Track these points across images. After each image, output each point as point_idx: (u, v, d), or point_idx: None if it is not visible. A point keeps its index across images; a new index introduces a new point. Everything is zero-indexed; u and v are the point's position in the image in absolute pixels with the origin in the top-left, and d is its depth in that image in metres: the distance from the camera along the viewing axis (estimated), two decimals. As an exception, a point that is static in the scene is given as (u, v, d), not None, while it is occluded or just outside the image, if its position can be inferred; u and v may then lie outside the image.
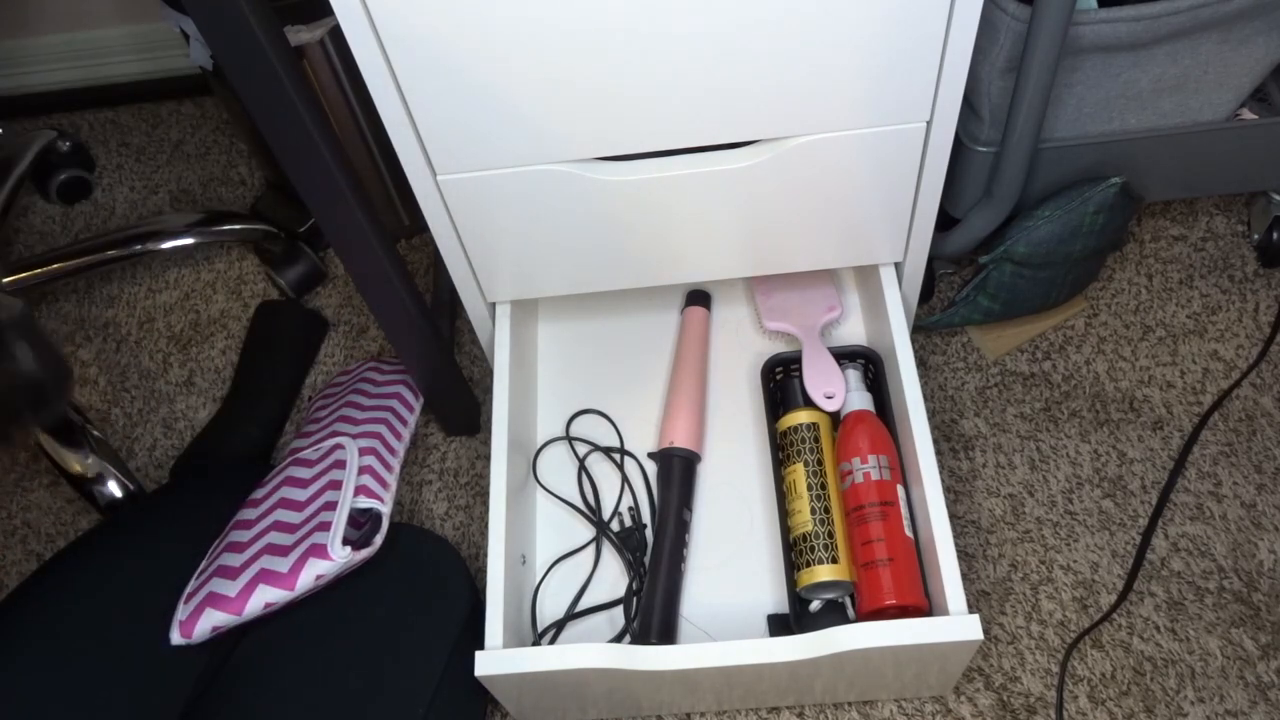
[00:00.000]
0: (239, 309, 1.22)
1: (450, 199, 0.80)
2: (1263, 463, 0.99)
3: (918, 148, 0.79)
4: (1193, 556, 0.95)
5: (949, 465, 1.02)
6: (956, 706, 0.89)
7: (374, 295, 0.86)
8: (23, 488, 1.12)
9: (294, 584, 0.80)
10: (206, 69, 1.09)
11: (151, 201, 1.34)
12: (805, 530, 0.87)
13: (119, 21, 1.39)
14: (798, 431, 0.92)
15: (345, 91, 1.06)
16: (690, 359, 1.01)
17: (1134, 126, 0.94)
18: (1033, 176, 0.94)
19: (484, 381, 1.12)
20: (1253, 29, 0.86)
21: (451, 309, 1.13)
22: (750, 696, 0.88)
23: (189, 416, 1.14)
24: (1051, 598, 0.94)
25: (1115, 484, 0.99)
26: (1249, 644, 0.90)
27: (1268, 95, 1.01)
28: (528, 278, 0.91)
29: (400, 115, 0.72)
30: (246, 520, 0.87)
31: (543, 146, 0.76)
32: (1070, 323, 1.10)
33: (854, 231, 0.87)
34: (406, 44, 0.67)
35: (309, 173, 0.73)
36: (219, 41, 0.64)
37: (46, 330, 1.19)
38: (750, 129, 0.76)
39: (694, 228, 0.85)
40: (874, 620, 0.76)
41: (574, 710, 0.88)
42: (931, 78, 0.73)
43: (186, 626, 0.80)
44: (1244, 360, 1.06)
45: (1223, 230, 1.14)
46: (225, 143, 1.38)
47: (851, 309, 1.05)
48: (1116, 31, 0.82)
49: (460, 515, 1.04)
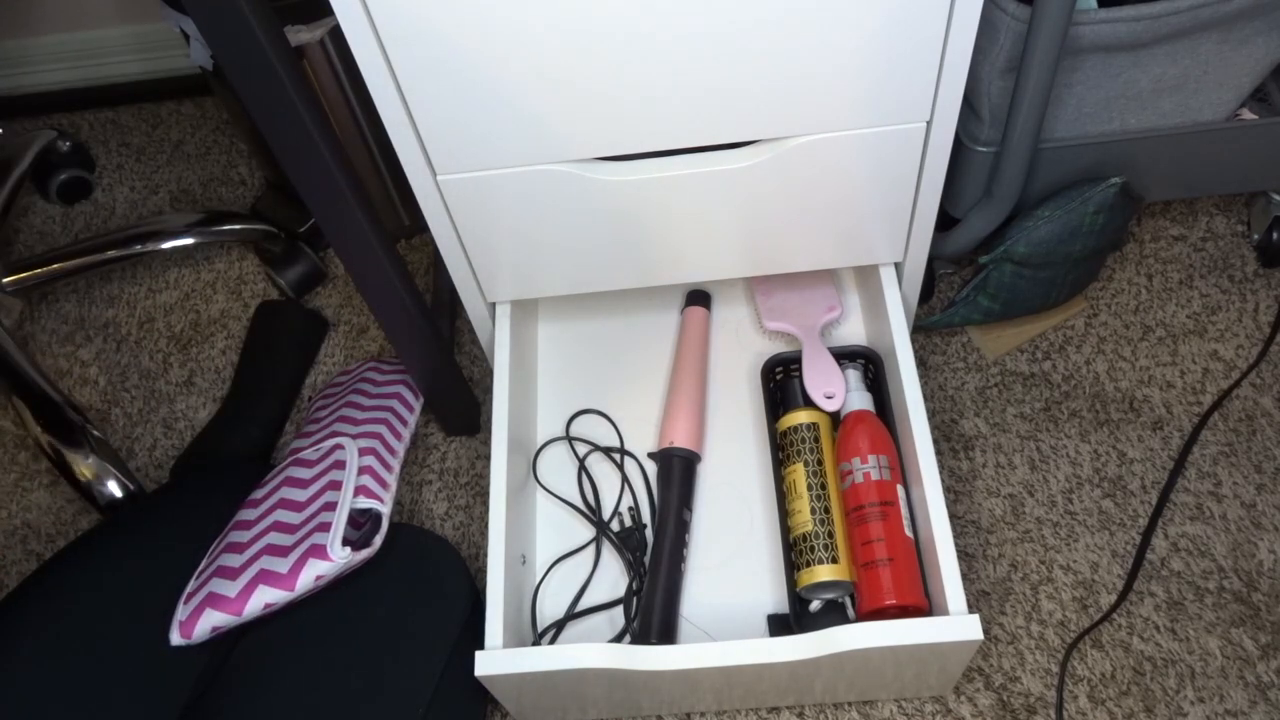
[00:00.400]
0: (239, 309, 1.22)
1: (450, 199, 0.80)
2: (1263, 463, 0.99)
3: (918, 148, 0.79)
4: (1193, 556, 0.95)
5: (949, 465, 1.02)
6: (956, 706, 0.89)
7: (374, 295, 0.86)
8: (23, 488, 1.12)
9: (294, 584, 0.80)
10: (206, 69, 1.09)
11: (151, 201, 1.34)
12: (805, 530, 0.87)
13: (119, 21, 1.39)
14: (798, 431, 0.92)
15: (345, 91, 1.06)
16: (690, 359, 1.01)
17: (1134, 126, 0.94)
18: (1033, 176, 0.94)
19: (484, 381, 1.12)
20: (1253, 29, 0.86)
21: (451, 309, 1.13)
22: (750, 696, 0.88)
23: (189, 416, 1.14)
24: (1051, 598, 0.94)
25: (1115, 484, 0.99)
26: (1249, 644, 0.90)
27: (1268, 95, 1.01)
28: (528, 278, 0.91)
29: (400, 115, 0.72)
30: (246, 521, 0.87)
31: (543, 146, 0.76)
32: (1070, 323, 1.10)
33: (854, 231, 0.87)
34: (406, 44, 0.67)
35: (309, 173, 0.73)
36: (219, 41, 0.64)
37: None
38: (750, 129, 0.76)
39: (694, 228, 0.85)
40: (874, 620, 0.76)
41: (574, 710, 0.88)
42: (931, 78, 0.73)
43: (186, 627, 0.80)
44: (1244, 360, 1.06)
45: (1223, 230, 1.14)
46: (225, 143, 1.38)
47: (851, 309, 1.05)
48: (1116, 31, 0.82)
49: (460, 515, 1.04)
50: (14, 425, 1.16)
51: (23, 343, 1.19)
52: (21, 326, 1.23)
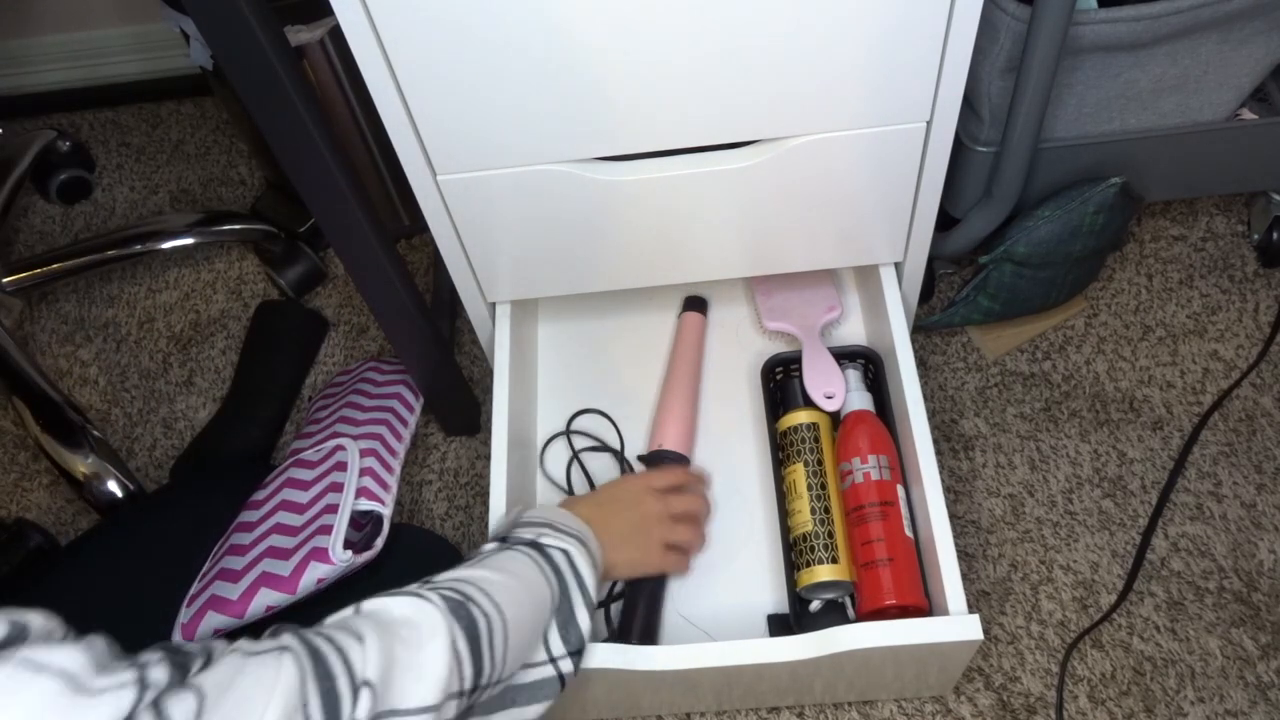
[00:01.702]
0: (239, 309, 1.22)
1: (450, 199, 0.80)
2: (1263, 463, 0.99)
3: (918, 148, 0.79)
4: (1193, 556, 0.95)
5: (949, 465, 1.02)
6: (956, 706, 0.89)
7: (374, 295, 0.86)
8: (23, 488, 1.12)
9: (295, 587, 0.80)
10: (206, 69, 1.09)
11: (151, 201, 1.34)
12: (805, 530, 0.87)
13: (119, 21, 1.39)
14: (798, 431, 0.92)
15: (345, 91, 1.06)
16: (683, 362, 1.00)
17: (1134, 126, 0.94)
18: (1033, 176, 0.94)
19: (484, 381, 1.12)
20: (1253, 29, 0.86)
21: (451, 309, 1.13)
22: (750, 696, 0.88)
23: (189, 416, 1.14)
24: (1051, 598, 0.94)
25: (1115, 484, 0.99)
26: (1249, 644, 0.90)
27: (1268, 95, 1.01)
28: (528, 278, 0.91)
29: (400, 115, 0.72)
30: (248, 522, 0.87)
31: (542, 146, 0.76)
32: (1070, 323, 1.10)
33: (854, 231, 0.87)
34: (406, 44, 0.67)
35: (309, 173, 0.73)
36: (219, 41, 0.64)
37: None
38: (750, 129, 0.76)
39: (694, 228, 0.85)
40: (874, 620, 0.76)
41: (573, 710, 0.88)
42: (931, 78, 0.73)
43: (189, 629, 0.80)
44: (1244, 360, 1.06)
45: (1223, 230, 1.14)
46: (225, 143, 1.38)
47: (851, 309, 1.05)
48: (1116, 31, 0.82)
49: (460, 515, 1.04)
50: (14, 425, 1.16)
51: (23, 343, 1.19)
52: (21, 326, 1.23)
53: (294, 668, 0.48)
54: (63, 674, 0.40)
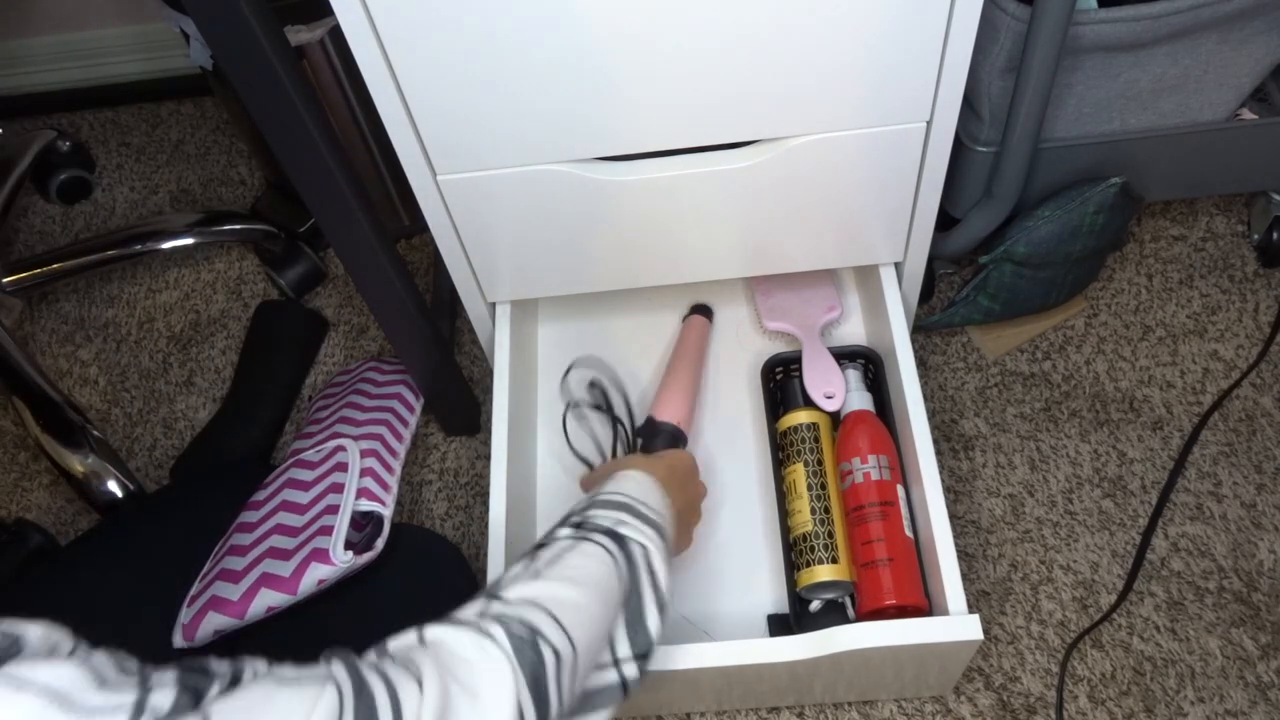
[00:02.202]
0: (239, 309, 1.22)
1: (450, 199, 0.80)
2: (1263, 463, 0.99)
3: (918, 148, 0.79)
4: (1193, 556, 0.95)
5: (949, 465, 1.02)
6: (956, 706, 0.89)
7: (374, 295, 0.86)
8: (23, 488, 1.12)
9: (296, 588, 0.80)
10: (206, 69, 1.09)
11: (151, 201, 1.34)
12: (805, 530, 0.87)
13: (119, 21, 1.39)
14: (798, 431, 0.92)
15: (345, 91, 1.06)
16: (688, 351, 1.00)
17: (1134, 126, 0.94)
18: (1033, 176, 0.94)
19: (484, 381, 1.12)
20: (1253, 29, 0.86)
21: (451, 309, 1.13)
22: (750, 696, 0.88)
23: (189, 416, 1.14)
24: (1051, 598, 0.94)
25: (1115, 484, 0.99)
26: (1249, 644, 0.90)
27: (1268, 95, 1.01)
28: (528, 278, 0.91)
29: (400, 115, 0.72)
30: (249, 523, 0.87)
31: (542, 146, 0.76)
32: (1070, 323, 1.10)
33: (854, 231, 0.87)
34: (406, 44, 0.67)
35: (309, 173, 0.73)
36: (219, 41, 0.64)
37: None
38: (750, 129, 0.76)
39: (694, 228, 0.85)
40: (874, 620, 0.76)
41: (574, 710, 0.88)
42: (931, 78, 0.73)
43: (190, 629, 0.80)
44: (1244, 360, 1.06)
45: (1223, 230, 1.14)
46: (225, 143, 1.38)
47: (851, 309, 1.05)
48: (1116, 31, 0.82)
49: (460, 515, 1.04)
50: (14, 425, 1.16)
51: (23, 343, 1.19)
52: (21, 326, 1.23)
53: (331, 704, 0.44)
54: (48, 691, 0.38)
